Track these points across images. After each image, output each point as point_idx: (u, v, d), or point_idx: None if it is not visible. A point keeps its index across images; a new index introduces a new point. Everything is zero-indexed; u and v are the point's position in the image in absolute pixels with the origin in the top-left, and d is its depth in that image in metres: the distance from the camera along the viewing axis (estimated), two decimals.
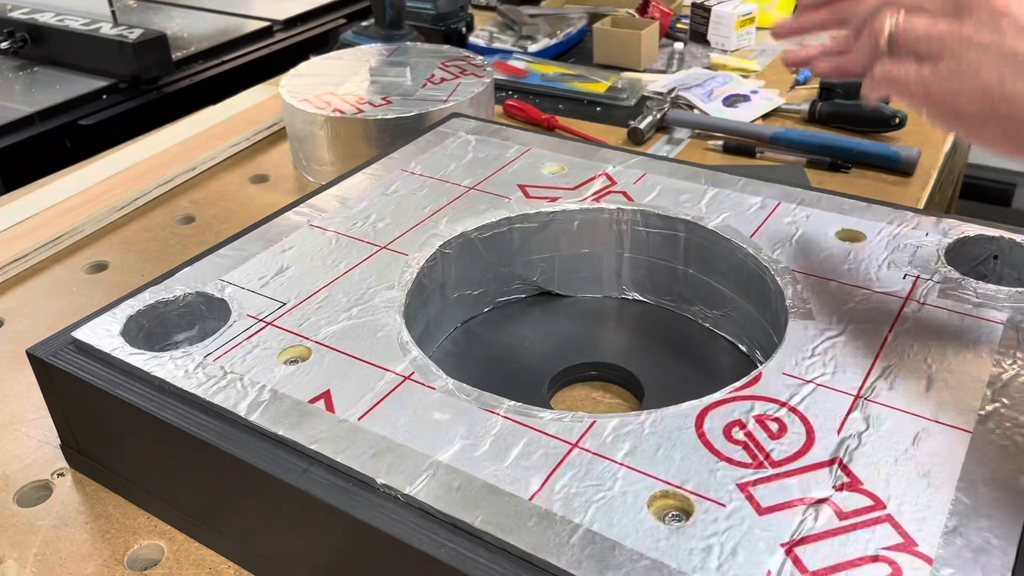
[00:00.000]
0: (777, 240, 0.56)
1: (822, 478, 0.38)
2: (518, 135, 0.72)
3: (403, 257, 0.55)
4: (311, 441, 0.41)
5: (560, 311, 0.63)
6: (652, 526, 0.36)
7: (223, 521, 0.46)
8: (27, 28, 1.19)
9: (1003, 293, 0.49)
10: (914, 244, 0.54)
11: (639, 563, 0.34)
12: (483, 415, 0.42)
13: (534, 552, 0.35)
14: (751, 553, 0.34)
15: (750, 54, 1.12)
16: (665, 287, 0.62)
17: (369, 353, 0.46)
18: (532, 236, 0.61)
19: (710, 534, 0.35)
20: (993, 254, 0.55)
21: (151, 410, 0.44)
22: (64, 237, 0.76)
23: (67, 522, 0.49)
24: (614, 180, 0.64)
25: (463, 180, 0.65)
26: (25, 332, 0.66)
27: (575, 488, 0.37)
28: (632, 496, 0.37)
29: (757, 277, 0.54)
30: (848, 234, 0.56)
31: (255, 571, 0.45)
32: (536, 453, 0.39)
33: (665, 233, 0.60)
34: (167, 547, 0.47)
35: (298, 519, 0.41)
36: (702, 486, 0.37)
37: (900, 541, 0.34)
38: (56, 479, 0.53)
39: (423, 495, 0.37)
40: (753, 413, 0.41)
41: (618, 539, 0.35)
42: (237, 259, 0.55)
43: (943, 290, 0.50)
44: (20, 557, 0.47)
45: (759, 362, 0.56)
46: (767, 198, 0.61)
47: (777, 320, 0.51)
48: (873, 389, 0.43)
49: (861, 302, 0.49)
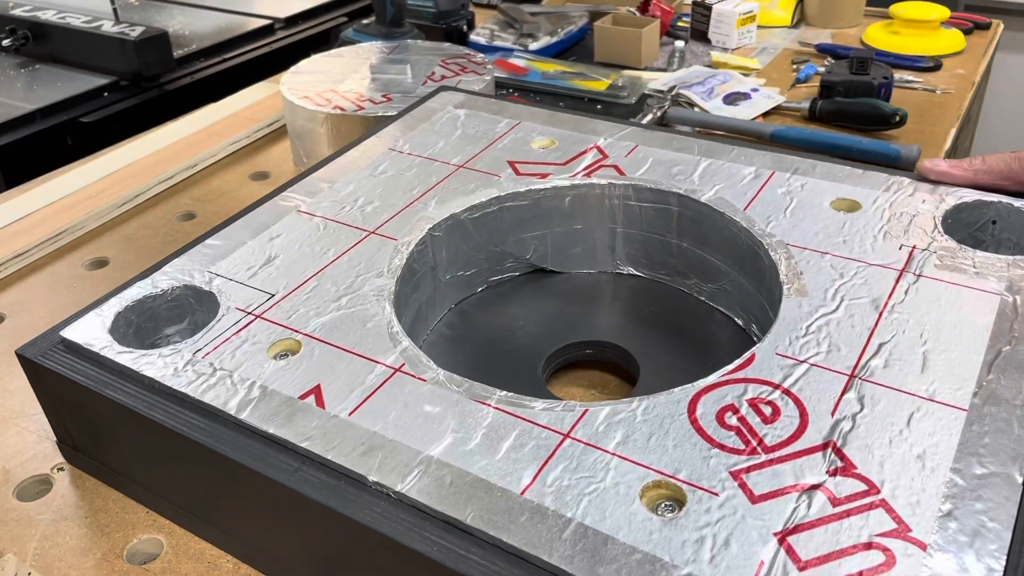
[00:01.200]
0: (771, 212, 0.55)
1: (815, 463, 0.37)
2: (507, 107, 0.71)
3: (392, 242, 0.54)
4: (302, 439, 0.40)
5: (554, 288, 0.63)
6: (645, 518, 0.35)
7: (218, 517, 0.46)
8: (29, 25, 1.20)
9: (1001, 262, 0.48)
10: (910, 212, 0.53)
11: (632, 557, 0.34)
12: (474, 407, 0.41)
13: (526, 548, 0.34)
14: (744, 544, 0.34)
15: (751, 52, 1.11)
16: (659, 261, 0.61)
17: (359, 345, 0.46)
18: (523, 214, 0.60)
19: (703, 525, 0.35)
20: (991, 219, 0.54)
21: (141, 410, 0.44)
22: (65, 234, 0.77)
23: (66, 516, 0.50)
24: (605, 153, 0.63)
25: (452, 158, 0.64)
26: (25, 328, 0.66)
27: (567, 480, 0.37)
28: (624, 487, 0.37)
29: (751, 251, 0.53)
30: (843, 203, 0.55)
31: (252, 563, 0.46)
32: (528, 445, 0.39)
33: (658, 207, 0.59)
34: (166, 541, 0.48)
35: (291, 516, 0.41)
36: (694, 475, 0.37)
37: (894, 527, 0.34)
38: (56, 474, 0.53)
39: (415, 492, 0.37)
40: (746, 397, 0.41)
41: (610, 532, 0.35)
42: (224, 249, 0.55)
43: (940, 260, 0.49)
44: (20, 551, 0.47)
45: (755, 336, 0.56)
46: (761, 167, 0.59)
47: (772, 295, 0.51)
48: (867, 368, 0.42)
49: (856, 276, 0.49)
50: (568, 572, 0.33)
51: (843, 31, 1.16)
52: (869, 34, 1.11)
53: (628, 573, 0.33)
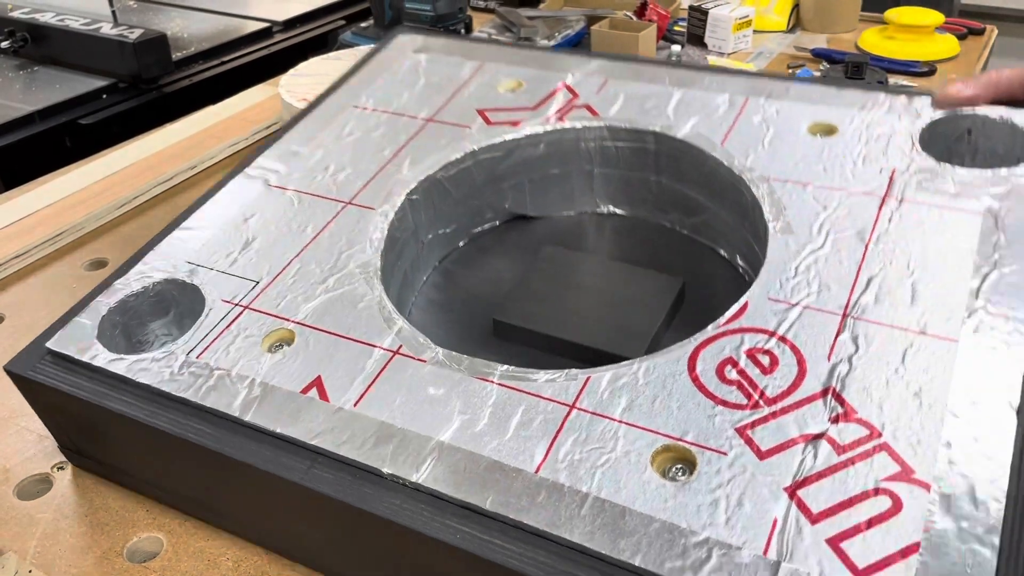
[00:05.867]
0: (749, 144, 0.54)
1: (817, 411, 0.38)
2: (469, 49, 0.68)
3: (370, 212, 0.53)
4: (311, 436, 0.41)
5: (536, 233, 0.62)
6: (658, 485, 0.36)
7: (231, 513, 0.46)
8: (28, 28, 1.20)
9: (980, 178, 0.49)
10: (887, 132, 0.53)
11: (651, 527, 0.35)
12: (477, 385, 0.42)
13: (548, 529, 0.35)
14: (757, 501, 0.35)
15: (747, 57, 1.11)
16: (639, 198, 0.61)
17: (353, 329, 0.46)
18: (499, 165, 0.59)
19: (715, 486, 0.36)
20: (967, 129, 0.54)
21: (142, 419, 0.43)
22: (64, 234, 0.78)
23: (67, 515, 0.50)
24: (575, 92, 0.61)
25: (419, 112, 0.62)
26: (25, 328, 0.66)
27: (578, 454, 0.38)
28: (635, 455, 0.38)
29: (732, 187, 0.53)
30: (820, 127, 0.55)
31: (272, 550, 0.46)
32: (535, 420, 0.40)
33: (634, 146, 0.58)
34: (166, 539, 0.48)
35: (308, 512, 0.41)
36: (702, 435, 0.38)
37: (898, 469, 0.35)
38: (56, 472, 0.53)
39: (431, 481, 0.38)
40: (744, 348, 0.42)
41: (627, 504, 0.36)
42: (200, 235, 0.53)
43: (920, 182, 0.49)
44: (20, 549, 0.48)
45: (741, 267, 0.56)
46: (735, 94, 0.59)
47: (756, 230, 0.51)
48: (859, 306, 0.43)
49: (839, 206, 0.49)
50: (591, 548, 0.35)
51: (838, 36, 1.16)
52: (864, 39, 1.12)
53: (648, 544, 0.34)
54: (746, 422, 0.38)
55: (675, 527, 0.35)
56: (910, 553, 0.33)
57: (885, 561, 0.33)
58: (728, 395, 0.40)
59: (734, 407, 0.39)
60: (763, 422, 0.38)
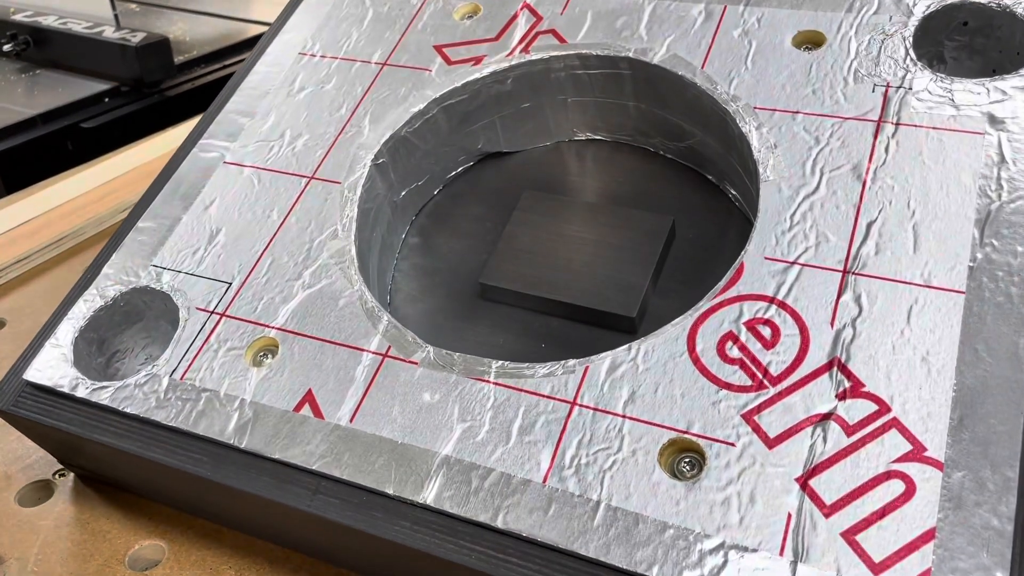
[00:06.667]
0: (731, 65, 0.50)
1: (823, 387, 0.37)
2: None
3: (335, 187, 0.50)
4: (312, 460, 0.40)
5: (512, 170, 0.59)
6: (668, 485, 0.36)
7: (233, 521, 0.46)
8: (30, 31, 1.18)
9: (979, 88, 0.45)
10: (878, 38, 0.49)
11: (665, 534, 0.35)
12: (473, 386, 0.40)
13: (563, 544, 0.35)
14: (769, 496, 0.35)
15: None
16: (618, 123, 0.57)
17: (337, 331, 0.44)
18: (466, 108, 0.55)
19: (725, 483, 0.36)
20: (963, 21, 0.50)
21: (135, 451, 0.43)
22: (66, 239, 0.77)
23: (68, 522, 0.50)
24: (539, 15, 0.56)
25: (372, 55, 0.57)
26: (27, 333, 0.64)
27: (585, 458, 0.37)
28: (642, 454, 0.37)
29: (717, 116, 0.50)
30: (806, 37, 0.51)
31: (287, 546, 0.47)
32: (538, 423, 0.39)
33: (608, 73, 0.54)
34: (168, 548, 0.48)
35: (316, 533, 0.41)
36: (708, 426, 0.37)
37: (909, 448, 0.35)
38: (57, 479, 0.53)
39: (438, 501, 0.37)
40: (743, 319, 0.40)
41: (639, 510, 0.35)
42: (160, 232, 0.50)
43: (916, 100, 0.46)
44: (21, 557, 0.48)
45: (730, 195, 0.54)
46: (711, 2, 0.54)
47: (745, 164, 0.48)
48: (859, 259, 0.41)
49: (832, 137, 0.46)
50: (607, 563, 0.35)
51: None
52: None
53: (664, 552, 0.34)
54: (752, 407, 0.37)
55: (689, 531, 0.35)
56: (926, 540, 0.33)
57: (901, 552, 0.33)
58: (731, 376, 0.38)
59: (739, 390, 0.38)
60: (769, 405, 0.37)
